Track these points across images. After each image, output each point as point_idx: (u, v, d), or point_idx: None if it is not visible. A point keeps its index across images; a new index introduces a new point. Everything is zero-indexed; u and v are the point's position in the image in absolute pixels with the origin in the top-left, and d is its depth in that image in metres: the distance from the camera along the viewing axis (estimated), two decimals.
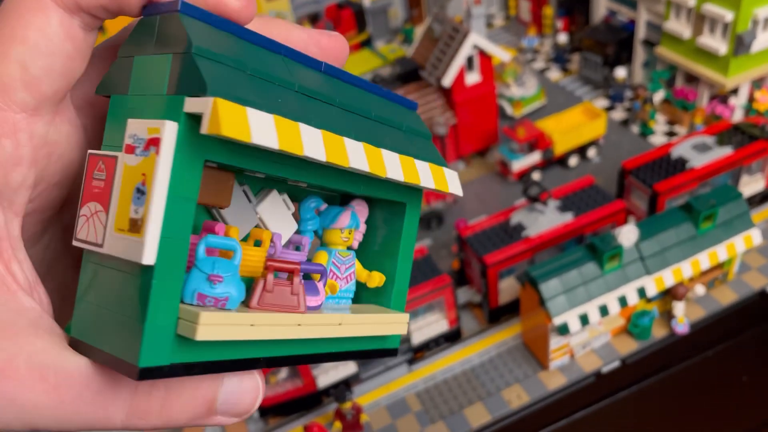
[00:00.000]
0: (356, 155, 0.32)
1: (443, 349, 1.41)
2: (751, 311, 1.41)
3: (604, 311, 1.22)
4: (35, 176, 0.29)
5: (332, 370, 1.32)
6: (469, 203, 1.81)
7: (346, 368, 1.33)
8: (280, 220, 0.37)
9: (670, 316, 1.35)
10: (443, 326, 1.39)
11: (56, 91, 0.28)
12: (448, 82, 1.73)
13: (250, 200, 0.36)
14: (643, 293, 1.25)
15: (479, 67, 1.80)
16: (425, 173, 0.37)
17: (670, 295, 1.33)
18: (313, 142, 0.29)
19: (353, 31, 2.51)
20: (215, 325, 0.27)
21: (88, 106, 0.32)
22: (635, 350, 1.33)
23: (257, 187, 0.37)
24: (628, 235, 1.22)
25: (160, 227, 0.26)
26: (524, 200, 1.55)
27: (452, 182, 0.38)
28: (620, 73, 2.01)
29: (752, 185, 1.58)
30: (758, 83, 1.85)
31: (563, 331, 1.19)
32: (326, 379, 1.31)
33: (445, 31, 1.79)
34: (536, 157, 1.80)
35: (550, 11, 2.46)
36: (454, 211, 1.78)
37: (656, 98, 1.92)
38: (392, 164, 0.34)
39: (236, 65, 0.28)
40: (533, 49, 2.44)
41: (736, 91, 1.82)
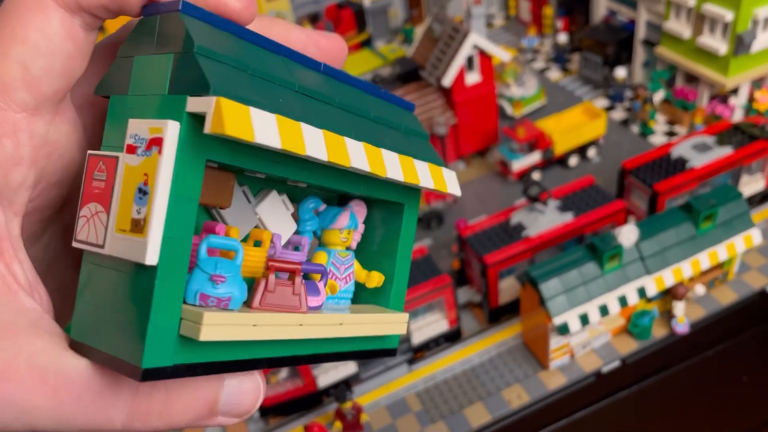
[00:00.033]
0: (357, 155, 0.31)
1: (443, 348, 1.41)
2: (751, 311, 1.41)
3: (604, 311, 1.22)
4: (35, 176, 0.29)
5: (332, 370, 1.32)
6: (469, 203, 1.81)
7: (346, 368, 1.33)
8: (279, 220, 0.37)
9: (670, 315, 1.35)
10: (443, 326, 1.39)
11: (57, 91, 0.28)
12: (448, 82, 1.73)
13: (249, 201, 0.36)
14: (643, 293, 1.25)
15: (479, 67, 1.80)
16: (424, 173, 0.36)
17: (670, 294, 1.33)
18: (314, 141, 0.29)
19: (353, 31, 2.51)
20: (219, 325, 0.27)
21: (88, 105, 0.32)
22: (635, 350, 1.33)
23: (256, 187, 0.37)
24: (628, 235, 1.22)
25: (162, 227, 0.25)
26: (524, 200, 1.55)
27: (451, 182, 0.38)
28: (620, 73, 2.01)
29: (752, 185, 1.58)
30: (758, 83, 1.85)
31: (563, 330, 1.19)
32: (326, 378, 1.31)
33: (445, 31, 1.79)
34: (536, 157, 1.80)
35: (550, 11, 2.46)
36: (454, 211, 1.78)
37: (656, 98, 1.92)
38: (392, 164, 0.34)
39: (237, 65, 0.28)
40: (533, 49, 2.44)
41: (736, 91, 1.82)
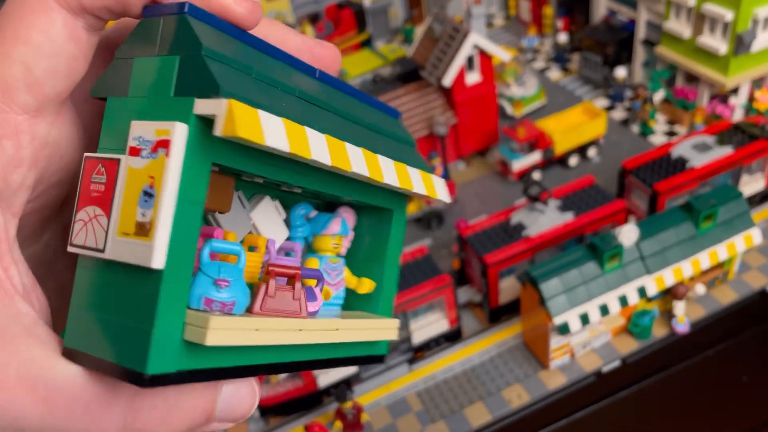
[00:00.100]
0: (357, 160, 0.31)
1: (444, 348, 1.41)
2: (751, 311, 1.41)
3: (604, 311, 1.22)
4: (36, 177, 0.29)
5: (333, 369, 1.32)
6: (469, 203, 1.81)
7: (346, 368, 1.33)
8: (272, 226, 0.37)
9: (670, 315, 1.35)
10: (444, 326, 1.39)
11: (59, 92, 0.28)
12: (448, 81, 1.73)
13: (243, 206, 0.36)
14: (643, 293, 1.25)
15: (479, 66, 1.80)
16: (417, 179, 0.37)
17: (670, 294, 1.33)
18: (318, 146, 0.28)
19: (353, 31, 2.51)
20: (225, 329, 0.26)
21: (88, 105, 0.32)
22: (635, 350, 1.33)
23: (249, 192, 0.36)
24: (628, 234, 1.22)
25: (169, 231, 0.25)
26: (524, 200, 1.55)
27: (440, 189, 0.39)
28: (620, 72, 2.01)
29: (752, 185, 1.58)
30: (758, 83, 1.85)
31: (563, 330, 1.19)
32: (327, 378, 1.31)
33: (445, 31, 1.79)
34: (536, 156, 1.80)
35: (550, 11, 2.46)
36: (454, 210, 1.78)
37: (656, 98, 1.92)
38: (388, 170, 0.34)
39: (242, 68, 0.28)
40: (533, 48, 2.44)
41: (736, 90, 1.82)
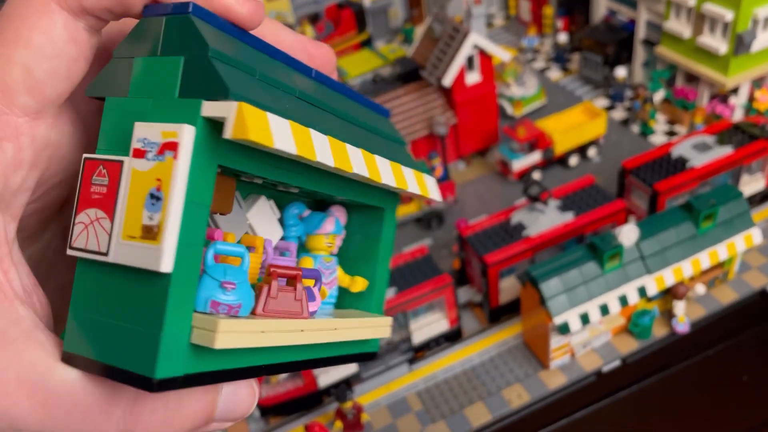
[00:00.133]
0: (357, 161, 0.31)
1: (444, 348, 1.41)
2: (751, 310, 1.41)
3: (604, 310, 1.22)
4: (37, 179, 0.29)
5: (333, 369, 1.32)
6: (469, 203, 1.81)
7: (346, 368, 1.33)
8: (268, 226, 0.36)
9: (670, 315, 1.35)
10: (444, 326, 1.39)
11: (59, 94, 0.28)
12: (448, 81, 1.73)
13: (240, 206, 0.35)
14: (643, 292, 1.25)
15: (479, 66, 1.80)
16: (411, 179, 0.37)
17: (670, 294, 1.33)
18: (322, 147, 0.28)
19: (353, 31, 2.51)
20: (233, 332, 0.26)
21: (88, 105, 0.32)
22: (636, 349, 1.33)
23: (244, 193, 0.36)
24: (628, 234, 1.22)
25: (177, 234, 0.25)
26: (525, 200, 1.56)
27: (432, 188, 0.39)
28: (620, 72, 2.01)
29: (752, 184, 1.58)
30: (758, 83, 1.85)
31: (564, 330, 1.19)
32: (327, 378, 1.31)
33: (445, 31, 1.79)
34: (536, 156, 1.80)
35: (550, 11, 2.46)
36: (454, 210, 1.78)
37: (656, 98, 1.92)
38: (385, 170, 0.34)
39: (246, 70, 0.27)
40: (533, 48, 2.44)
41: (736, 90, 1.82)
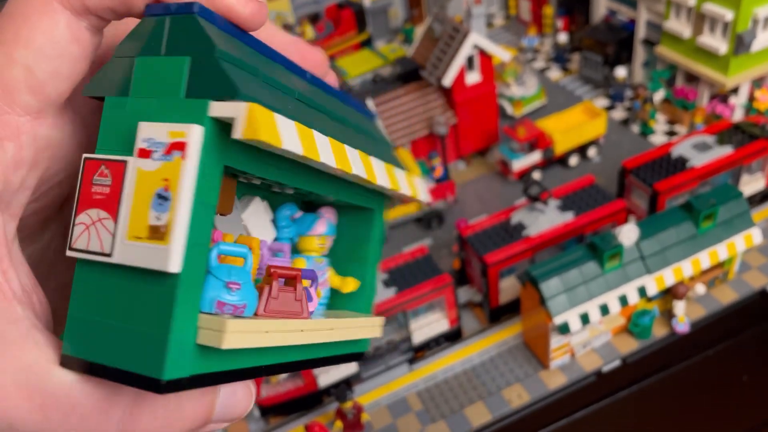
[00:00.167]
0: (356, 163, 0.32)
1: (444, 348, 1.41)
2: (751, 310, 1.41)
3: (604, 310, 1.22)
4: (37, 178, 0.29)
5: (333, 369, 1.32)
6: (469, 203, 1.81)
7: (347, 367, 1.33)
8: (262, 227, 0.37)
9: (670, 315, 1.35)
10: (444, 326, 1.39)
11: (61, 94, 0.28)
12: (448, 81, 1.73)
13: (236, 207, 0.36)
14: (643, 292, 1.25)
15: (479, 66, 1.80)
16: (402, 180, 0.37)
17: (670, 294, 1.33)
18: (325, 149, 0.28)
19: (353, 31, 2.51)
20: (240, 332, 0.26)
21: (89, 104, 0.32)
22: (636, 349, 1.33)
23: (239, 193, 0.36)
24: (628, 234, 1.22)
25: (186, 234, 0.25)
26: (525, 200, 1.55)
27: (421, 189, 0.40)
28: (620, 72, 2.01)
29: (752, 184, 1.58)
30: (758, 82, 1.85)
31: (564, 330, 1.19)
32: (327, 378, 1.31)
33: (445, 30, 1.79)
34: (536, 156, 1.80)
35: (550, 11, 2.46)
36: (454, 210, 1.78)
37: (656, 98, 1.92)
38: (380, 172, 0.34)
39: (250, 71, 0.27)
40: (533, 48, 2.44)
41: (736, 90, 1.82)
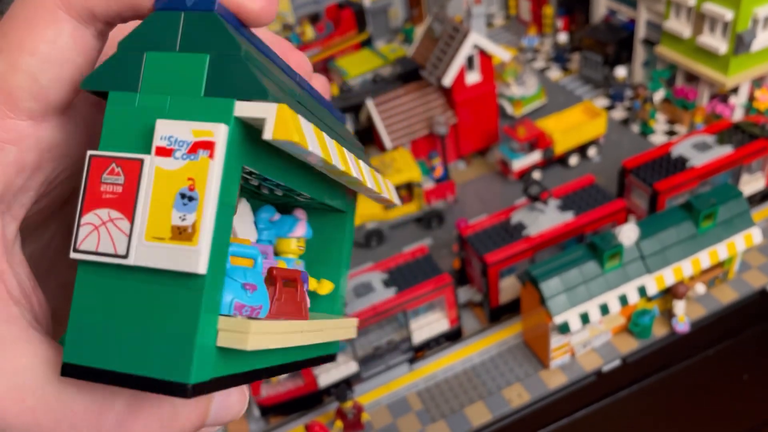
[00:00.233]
0: (354, 166, 0.32)
1: (444, 348, 1.41)
2: (751, 310, 1.41)
3: (604, 310, 1.22)
4: (40, 180, 0.29)
5: (333, 369, 1.32)
6: (469, 203, 1.81)
7: (347, 367, 1.33)
8: (246, 228, 0.37)
9: (670, 314, 1.36)
10: (444, 325, 1.39)
11: (64, 99, 0.28)
12: (448, 81, 1.73)
13: None
14: (643, 292, 1.25)
15: (479, 66, 1.80)
16: (382, 183, 0.38)
17: (670, 293, 1.33)
18: (334, 152, 0.28)
19: (353, 31, 2.51)
20: (262, 334, 0.26)
21: (88, 99, 0.32)
22: (636, 349, 1.33)
23: None
24: (628, 233, 1.22)
25: (212, 234, 0.24)
26: (525, 199, 1.56)
27: (393, 192, 0.40)
28: (620, 72, 2.01)
29: (752, 184, 1.58)
30: (758, 82, 1.85)
31: (564, 329, 1.20)
32: (327, 378, 1.31)
33: (445, 30, 1.80)
34: (537, 156, 1.80)
35: (550, 11, 2.46)
36: (454, 210, 1.78)
37: (656, 97, 1.92)
38: (368, 175, 0.35)
39: (264, 72, 0.27)
40: (533, 48, 2.44)
41: (736, 90, 1.82)
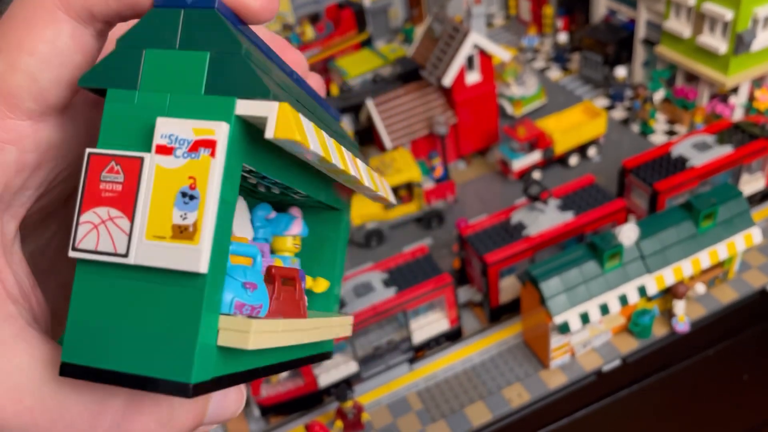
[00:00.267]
0: (352, 164, 0.32)
1: (444, 348, 1.41)
2: (751, 310, 1.41)
3: (604, 310, 1.22)
4: (40, 179, 0.29)
5: (333, 369, 1.32)
6: (469, 202, 1.81)
7: (347, 367, 1.33)
8: (243, 227, 0.36)
9: (670, 314, 1.36)
10: (444, 325, 1.39)
11: (63, 99, 0.28)
12: (448, 81, 1.73)
13: None
14: (643, 292, 1.25)
15: (479, 66, 1.80)
16: (379, 182, 0.37)
17: (670, 293, 1.33)
18: (333, 150, 0.28)
19: (353, 31, 2.51)
20: (263, 332, 0.26)
21: (86, 96, 0.32)
22: (636, 349, 1.33)
23: None
24: (628, 233, 1.22)
25: (213, 233, 0.24)
26: (525, 199, 1.56)
27: (389, 191, 0.41)
28: (620, 72, 2.01)
29: (752, 184, 1.58)
30: (758, 82, 1.85)
31: (564, 329, 1.20)
32: (327, 378, 1.31)
33: (445, 30, 1.80)
34: (537, 156, 1.80)
35: (550, 10, 2.46)
36: (454, 210, 1.78)
37: (656, 97, 1.92)
38: (365, 173, 0.35)
39: (264, 70, 0.27)
40: (533, 48, 2.44)
41: (736, 89, 1.82)
